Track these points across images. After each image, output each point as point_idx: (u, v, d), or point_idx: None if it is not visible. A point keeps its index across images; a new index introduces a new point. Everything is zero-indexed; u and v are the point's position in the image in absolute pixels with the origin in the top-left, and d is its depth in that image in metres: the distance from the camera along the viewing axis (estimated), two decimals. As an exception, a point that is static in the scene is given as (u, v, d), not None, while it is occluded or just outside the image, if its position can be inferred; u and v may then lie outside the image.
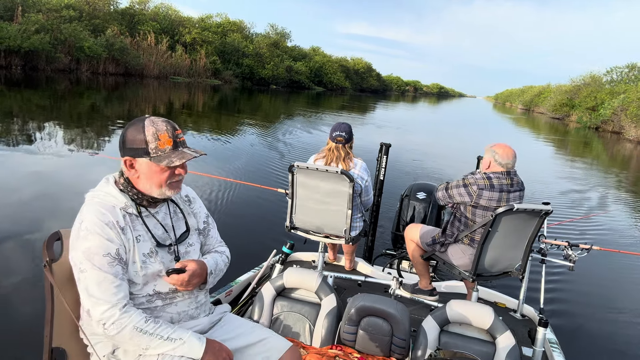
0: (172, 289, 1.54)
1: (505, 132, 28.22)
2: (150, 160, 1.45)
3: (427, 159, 12.02)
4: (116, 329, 1.36)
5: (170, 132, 1.47)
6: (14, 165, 6.71)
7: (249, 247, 4.47)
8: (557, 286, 4.51)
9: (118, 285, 1.38)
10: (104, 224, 1.39)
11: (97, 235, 1.38)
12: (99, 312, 1.35)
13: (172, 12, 39.37)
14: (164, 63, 33.47)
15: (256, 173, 7.80)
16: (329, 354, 2.24)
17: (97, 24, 29.52)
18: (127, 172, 1.49)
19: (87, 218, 1.40)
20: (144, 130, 1.44)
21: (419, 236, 3.04)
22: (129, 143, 1.46)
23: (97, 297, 1.35)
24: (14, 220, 4.53)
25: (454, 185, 2.82)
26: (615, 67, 45.36)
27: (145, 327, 1.39)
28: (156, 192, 1.50)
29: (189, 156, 1.47)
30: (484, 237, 2.62)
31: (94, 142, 9.29)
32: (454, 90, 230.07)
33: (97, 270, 1.36)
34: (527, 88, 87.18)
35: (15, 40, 22.53)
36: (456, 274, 2.83)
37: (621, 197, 10.46)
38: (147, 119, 1.47)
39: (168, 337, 1.42)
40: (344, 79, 59.06)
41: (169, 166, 1.46)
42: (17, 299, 3.23)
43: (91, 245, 1.37)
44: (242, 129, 13.77)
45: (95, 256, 1.36)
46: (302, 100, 33.46)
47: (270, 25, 52.04)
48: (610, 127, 33.19)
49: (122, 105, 16.70)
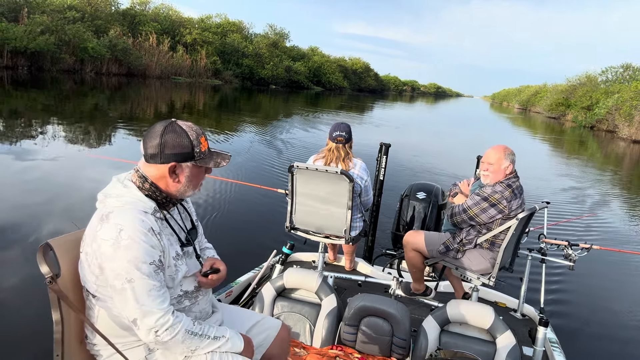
0: (197, 288, 1.56)
1: (503, 131, 28.24)
2: (195, 162, 1.45)
3: (427, 159, 11.98)
4: (170, 334, 1.35)
5: (205, 134, 1.50)
6: (12, 162, 6.67)
7: (249, 247, 4.44)
8: (557, 286, 4.49)
9: (165, 292, 1.38)
10: (145, 231, 1.35)
11: (142, 242, 1.33)
12: (152, 320, 1.33)
13: (172, 12, 39.44)
14: (165, 63, 33.58)
15: (256, 173, 7.78)
16: (329, 354, 2.23)
17: (99, 25, 29.59)
18: (164, 178, 1.44)
19: (127, 226, 1.32)
20: (187, 135, 1.43)
21: (423, 243, 2.88)
22: (172, 149, 1.41)
23: (148, 305, 1.32)
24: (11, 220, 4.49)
25: (478, 209, 2.64)
26: (610, 67, 45.61)
27: (194, 329, 1.42)
28: (189, 194, 1.51)
29: (227, 156, 1.53)
30: (508, 240, 2.58)
31: (96, 143, 9.25)
32: (451, 90, 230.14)
33: (146, 279, 1.32)
34: (524, 88, 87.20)
35: (21, 41, 22.70)
36: (474, 279, 2.75)
37: (621, 197, 10.43)
38: (177, 122, 1.45)
39: (214, 336, 1.46)
40: (342, 79, 59.09)
41: (216, 167, 1.50)
42: (13, 308, 3.16)
43: (137, 254, 1.31)
44: (242, 128, 13.74)
45: (143, 264, 1.32)
46: (301, 100, 33.46)
47: (269, 26, 52.07)
48: (605, 126, 33.31)
49: (125, 105, 16.72)
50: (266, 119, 17.68)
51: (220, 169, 7.48)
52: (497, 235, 2.66)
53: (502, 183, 2.65)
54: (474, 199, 2.67)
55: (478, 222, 2.67)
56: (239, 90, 34.64)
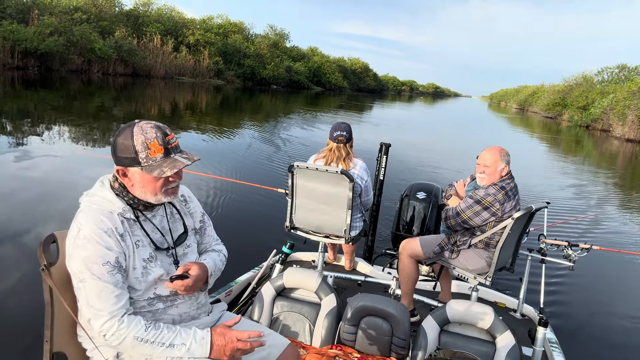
0: (174, 292, 1.50)
1: (501, 131, 28.22)
2: (141, 169, 1.38)
3: (427, 159, 11.90)
4: (117, 339, 1.32)
5: (161, 139, 1.38)
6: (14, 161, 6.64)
7: (249, 247, 4.40)
8: (557, 286, 4.44)
9: (118, 294, 1.33)
10: (102, 232, 1.33)
11: (95, 243, 1.31)
12: (99, 324, 1.31)
13: (175, 13, 39.47)
14: (169, 64, 33.71)
15: (256, 173, 7.69)
16: (329, 353, 2.20)
17: (104, 26, 29.72)
18: (120, 179, 1.42)
19: (85, 225, 1.33)
20: (132, 139, 1.36)
21: (419, 247, 2.84)
22: (119, 152, 1.38)
23: (97, 307, 1.31)
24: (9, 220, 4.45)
25: (471, 212, 2.61)
26: (605, 68, 45.83)
27: (145, 336, 1.35)
28: (152, 199, 1.44)
29: (181, 164, 1.40)
30: (504, 240, 2.56)
31: (96, 141, 9.22)
32: (449, 89, 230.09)
33: (97, 280, 1.30)
34: (521, 88, 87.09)
35: (32, 42, 23.05)
36: (471, 278, 2.73)
37: (621, 197, 10.32)
38: (135, 125, 1.39)
39: (170, 344, 1.38)
40: (342, 79, 59.03)
41: (160, 175, 1.38)
42: (12, 302, 3.14)
43: (90, 254, 1.30)
44: (243, 128, 13.69)
45: (95, 265, 1.30)
46: (302, 100, 33.46)
47: (269, 26, 51.96)
48: (600, 125, 33.48)
49: (130, 104, 16.72)
50: (266, 118, 17.65)
51: (219, 168, 7.46)
52: (491, 236, 2.63)
53: (495, 185, 2.62)
54: (467, 202, 2.64)
55: (471, 225, 2.65)
56: (241, 90, 34.67)
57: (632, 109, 27.84)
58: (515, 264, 2.87)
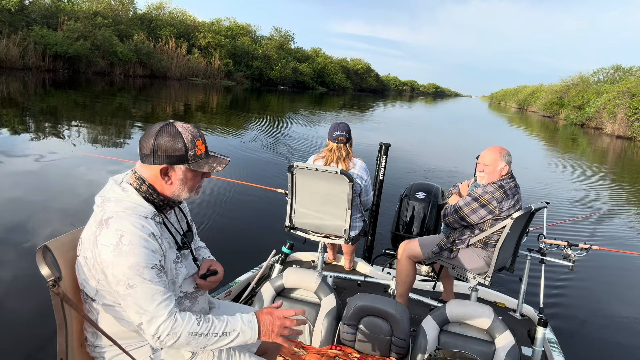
0: (195, 289, 1.51)
1: (500, 130, 28.10)
2: (188, 166, 1.37)
3: (427, 159, 11.73)
4: (172, 339, 1.29)
5: (203, 138, 1.41)
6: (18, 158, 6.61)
7: (249, 247, 4.33)
8: (556, 286, 4.33)
9: (169, 296, 1.31)
10: (147, 236, 1.29)
11: (142, 248, 1.27)
12: (155, 326, 1.27)
13: (187, 17, 39.64)
14: (183, 66, 34.04)
15: (256, 173, 7.57)
16: (328, 353, 2.14)
17: (121, 30, 30.05)
18: (158, 179, 1.37)
19: (127, 231, 1.27)
20: (182, 137, 1.35)
21: (418, 247, 2.77)
22: (165, 151, 1.34)
23: (151, 311, 1.27)
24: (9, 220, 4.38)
25: (469, 209, 2.54)
26: (601, 69, 45.89)
27: (199, 329, 1.32)
28: (185, 197, 1.43)
29: (225, 161, 1.43)
30: (503, 240, 2.48)
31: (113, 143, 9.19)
32: (450, 89, 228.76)
33: (149, 284, 1.27)
34: (521, 87, 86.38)
35: (61, 46, 23.92)
36: (470, 278, 2.65)
37: (621, 197, 10.07)
38: (174, 124, 1.37)
39: (223, 332, 1.36)
40: (345, 80, 58.90)
41: (210, 171, 1.40)
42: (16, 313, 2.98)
43: (139, 259, 1.26)
44: (244, 128, 13.50)
45: (145, 270, 1.27)
46: (307, 100, 33.44)
47: (274, 28, 52.04)
48: (594, 123, 33.84)
49: (147, 104, 16.80)
50: (272, 118, 17.54)
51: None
52: (490, 236, 2.55)
53: (494, 184, 2.54)
54: (465, 200, 2.58)
55: (469, 222, 2.57)
56: (249, 90, 34.79)
57: (621, 108, 28.82)
58: (515, 264, 2.78)
